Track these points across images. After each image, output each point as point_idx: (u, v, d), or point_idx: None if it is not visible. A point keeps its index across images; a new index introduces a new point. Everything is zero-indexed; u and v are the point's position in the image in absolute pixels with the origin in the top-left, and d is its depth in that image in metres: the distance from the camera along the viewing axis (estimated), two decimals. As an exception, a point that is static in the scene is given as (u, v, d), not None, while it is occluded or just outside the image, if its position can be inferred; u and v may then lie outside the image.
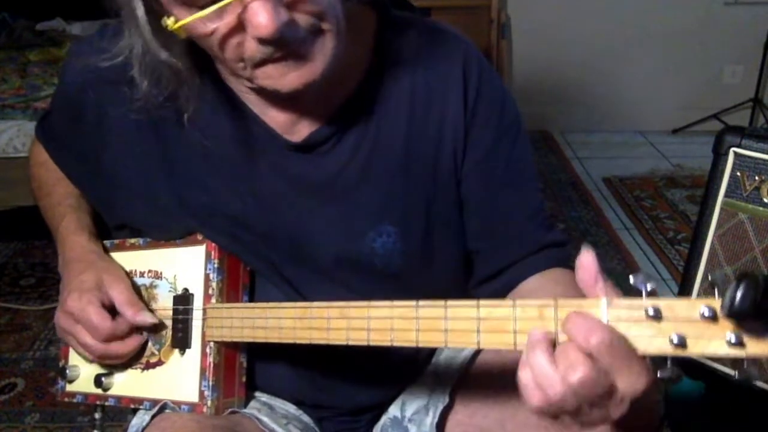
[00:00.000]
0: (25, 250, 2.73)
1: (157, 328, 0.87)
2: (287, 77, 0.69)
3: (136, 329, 0.86)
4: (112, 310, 0.84)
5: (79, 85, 0.84)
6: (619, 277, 2.48)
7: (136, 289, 0.88)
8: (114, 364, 0.89)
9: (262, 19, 0.62)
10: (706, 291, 1.20)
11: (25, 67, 2.86)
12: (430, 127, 0.82)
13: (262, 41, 0.64)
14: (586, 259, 0.55)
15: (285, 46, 0.66)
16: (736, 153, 1.15)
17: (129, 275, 0.89)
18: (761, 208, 1.13)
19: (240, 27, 0.64)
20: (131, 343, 0.85)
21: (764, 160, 1.13)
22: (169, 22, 0.65)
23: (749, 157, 1.14)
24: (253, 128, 0.81)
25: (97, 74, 0.79)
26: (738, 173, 1.16)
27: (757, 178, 1.14)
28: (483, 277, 0.89)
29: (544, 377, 0.53)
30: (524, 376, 0.55)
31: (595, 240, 2.76)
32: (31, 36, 3.19)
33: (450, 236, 0.87)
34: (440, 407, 0.86)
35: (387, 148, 0.81)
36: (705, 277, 1.21)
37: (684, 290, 1.25)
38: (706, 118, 3.84)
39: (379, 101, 0.81)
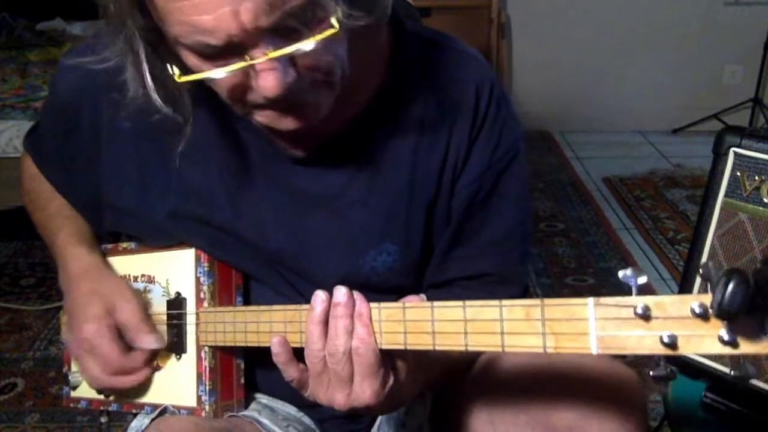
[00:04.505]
0: (25, 250, 2.73)
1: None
2: (284, 120, 0.68)
3: (148, 361, 0.84)
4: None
5: (74, 94, 0.83)
6: (619, 277, 2.48)
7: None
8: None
9: (270, 83, 0.61)
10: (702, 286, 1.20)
11: (25, 67, 2.86)
12: (437, 146, 0.80)
13: (267, 98, 0.63)
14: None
15: (287, 99, 0.65)
16: (736, 153, 1.15)
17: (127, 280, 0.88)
18: (761, 208, 1.13)
19: (247, 80, 0.64)
20: (138, 377, 0.83)
21: (764, 160, 1.13)
22: (176, 72, 0.64)
23: (749, 157, 1.14)
24: (256, 140, 0.80)
25: (92, 79, 0.77)
26: (738, 173, 1.15)
27: (757, 178, 1.14)
28: (430, 282, 0.88)
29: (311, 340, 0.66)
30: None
31: (595, 240, 2.76)
32: (31, 36, 3.19)
33: None
34: (429, 397, 0.86)
35: (393, 166, 0.80)
36: (703, 277, 1.21)
37: (684, 290, 1.25)
38: (706, 118, 3.84)
39: (388, 118, 0.79)
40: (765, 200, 1.13)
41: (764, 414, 1.13)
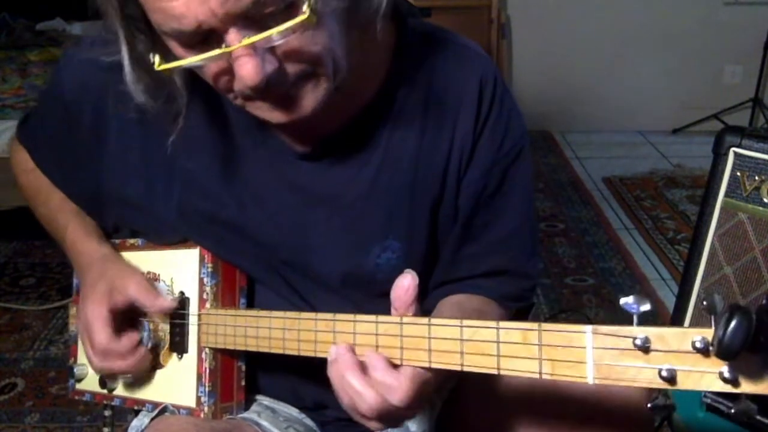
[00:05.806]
0: (25, 250, 2.73)
1: (158, 332, 0.86)
2: (276, 112, 0.68)
3: (138, 345, 0.85)
4: (128, 315, 0.84)
5: (78, 86, 0.83)
6: (620, 277, 2.49)
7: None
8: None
9: (248, 71, 0.60)
10: (705, 291, 1.20)
11: (25, 67, 2.86)
12: (441, 141, 0.80)
13: (248, 87, 0.63)
14: (407, 282, 0.63)
15: (273, 90, 0.64)
16: (736, 153, 1.16)
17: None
18: (761, 208, 1.13)
19: (229, 68, 0.63)
20: (133, 362, 0.84)
21: (764, 160, 1.13)
22: (156, 60, 0.64)
23: (749, 157, 1.15)
24: (259, 135, 0.79)
25: (97, 72, 0.77)
26: (738, 173, 1.16)
27: (757, 178, 1.14)
28: (441, 281, 0.88)
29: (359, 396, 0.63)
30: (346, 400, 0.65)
31: (595, 240, 2.76)
32: (31, 36, 3.19)
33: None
34: (439, 403, 0.85)
35: (397, 162, 0.80)
36: (704, 278, 1.21)
37: (684, 290, 1.25)
38: (706, 118, 3.85)
39: (392, 114, 0.79)
40: (765, 200, 1.13)
41: (764, 414, 1.13)
